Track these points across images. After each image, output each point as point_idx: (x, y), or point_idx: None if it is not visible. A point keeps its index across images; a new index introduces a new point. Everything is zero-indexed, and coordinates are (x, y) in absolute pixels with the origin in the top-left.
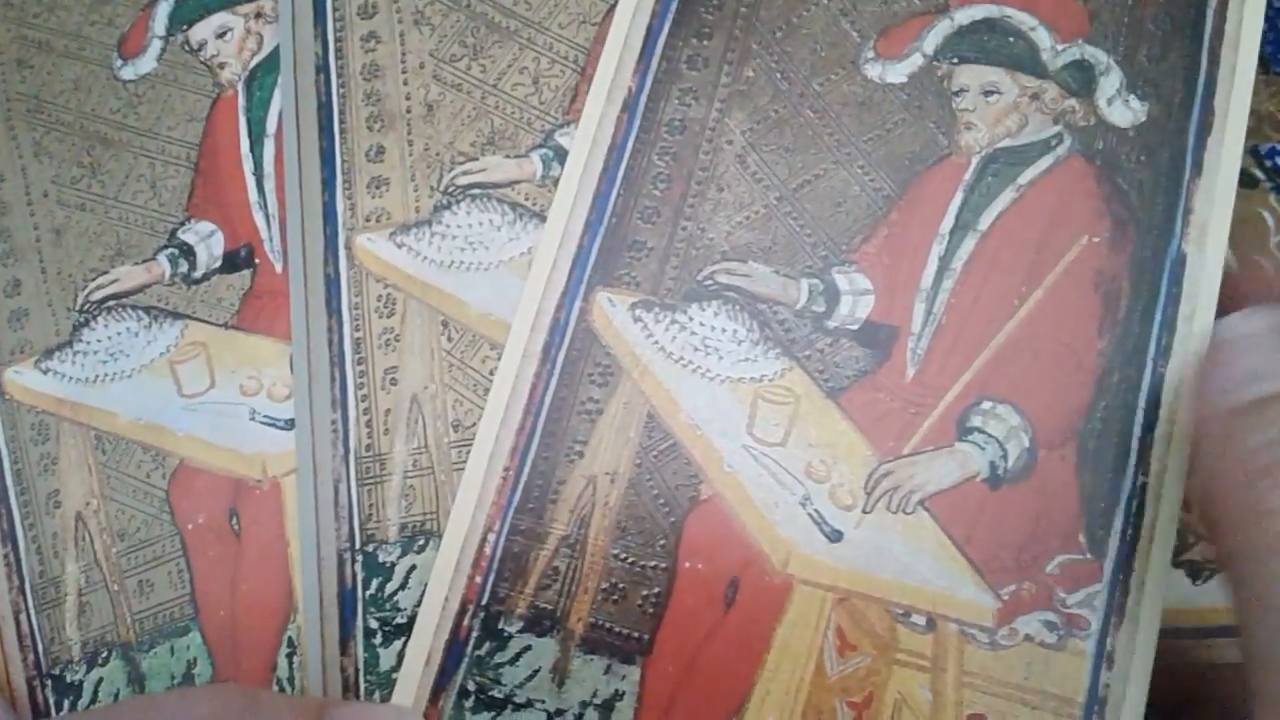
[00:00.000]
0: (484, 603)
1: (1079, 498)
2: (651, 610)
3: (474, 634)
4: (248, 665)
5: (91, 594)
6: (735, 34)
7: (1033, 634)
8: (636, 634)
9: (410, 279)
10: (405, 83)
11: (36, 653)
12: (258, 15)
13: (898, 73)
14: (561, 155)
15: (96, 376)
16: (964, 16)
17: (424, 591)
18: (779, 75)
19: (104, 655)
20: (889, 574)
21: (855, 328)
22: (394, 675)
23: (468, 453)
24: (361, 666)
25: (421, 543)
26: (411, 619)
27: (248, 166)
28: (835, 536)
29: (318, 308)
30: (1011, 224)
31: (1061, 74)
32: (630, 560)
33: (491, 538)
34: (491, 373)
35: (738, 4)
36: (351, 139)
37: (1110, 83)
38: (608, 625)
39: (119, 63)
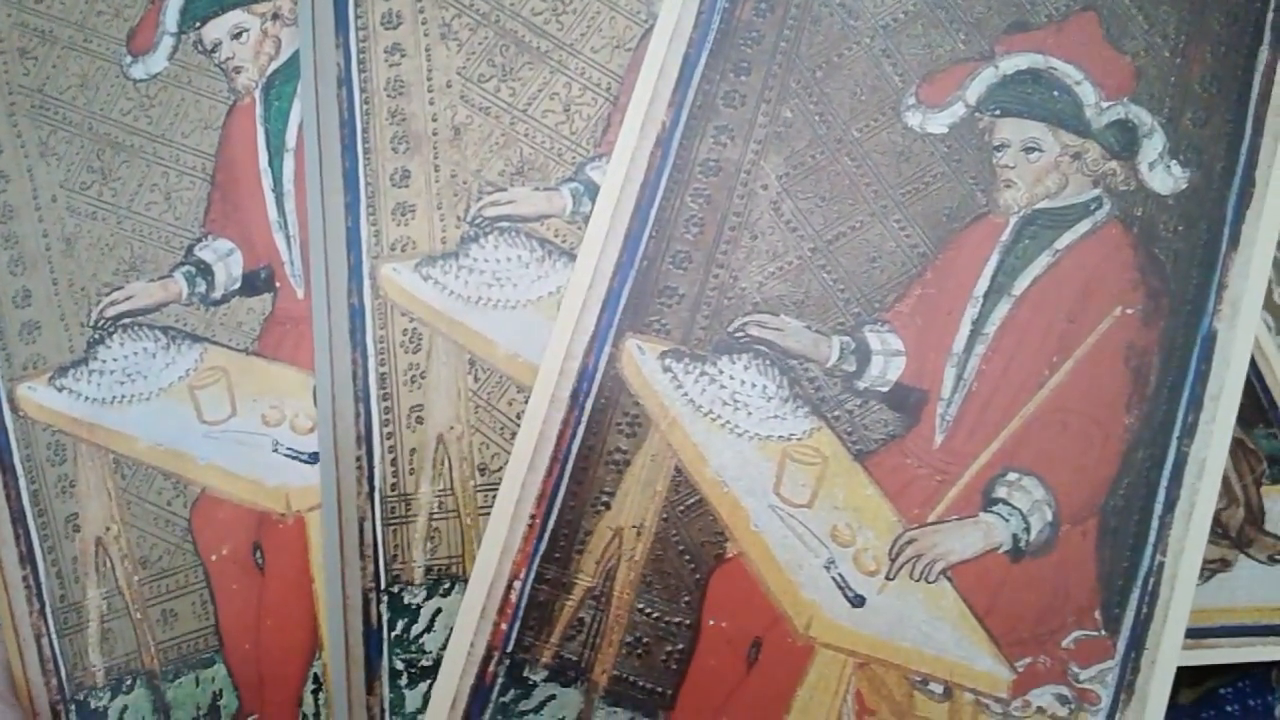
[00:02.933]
0: (509, 650)
1: (1097, 574)
2: (675, 666)
3: (499, 680)
4: (273, 700)
5: (114, 621)
6: (774, 70)
7: (1045, 706)
8: (660, 689)
9: (437, 314)
10: (431, 102)
11: (60, 677)
12: (275, 17)
13: (939, 122)
14: (592, 190)
15: (114, 397)
16: (1009, 65)
17: (449, 635)
18: (818, 118)
19: (128, 683)
20: (909, 641)
21: (885, 389)
22: (420, 717)
23: (494, 497)
24: (388, 707)
25: (447, 586)
26: (437, 661)
27: (266, 182)
28: (858, 601)
29: (341, 339)
30: (1046, 290)
31: (1104, 133)
32: (655, 615)
33: (517, 585)
34: (518, 416)
35: (778, 38)
36: (376, 160)
37: (1153, 146)
38: (631, 679)
39: (128, 59)
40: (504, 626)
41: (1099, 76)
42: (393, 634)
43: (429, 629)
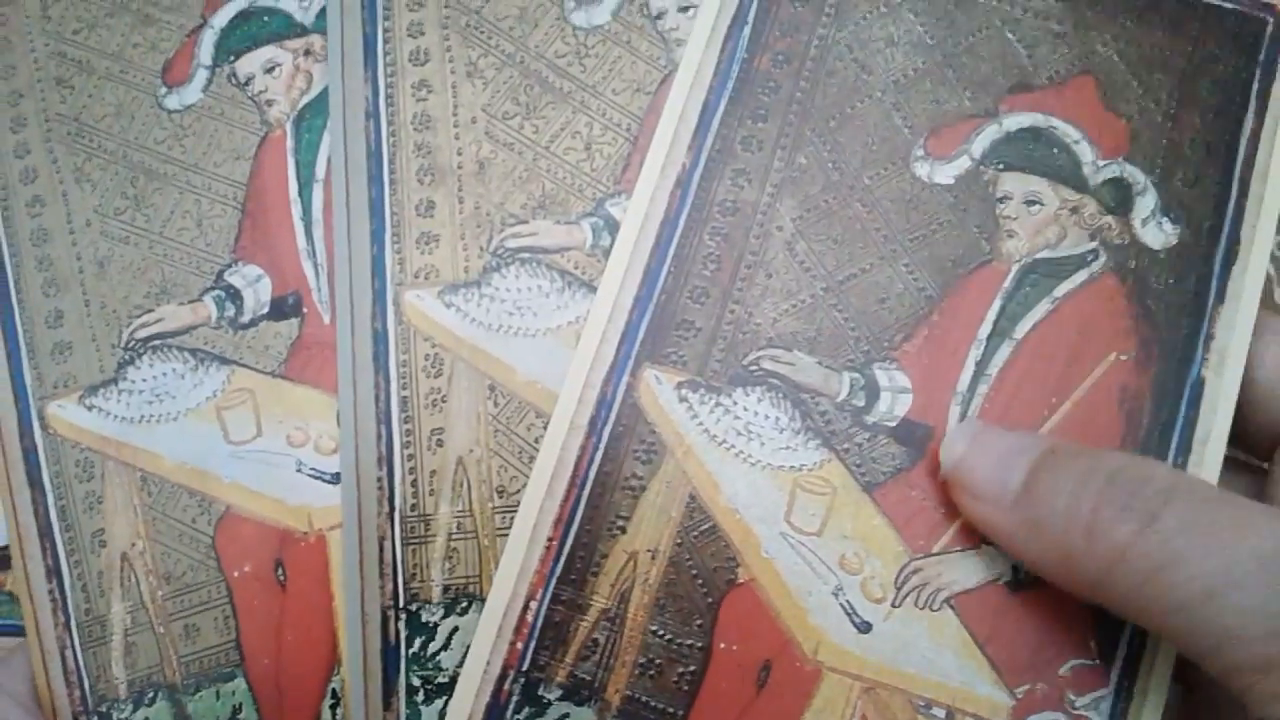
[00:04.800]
0: (525, 669)
1: (1093, 605)
2: (686, 687)
3: (514, 698)
4: (292, 714)
5: (138, 634)
6: (790, 119)
7: None
8: (671, 709)
9: (458, 340)
10: (457, 137)
11: (83, 689)
12: (307, 52)
13: (945, 173)
14: (611, 225)
15: (142, 417)
16: (1012, 123)
17: (466, 653)
18: (831, 165)
19: (150, 696)
20: (913, 668)
21: (893, 424)
22: None
23: (511, 519)
24: None
25: (464, 605)
26: (453, 679)
27: (296, 212)
28: (865, 628)
29: (365, 363)
30: (1046, 335)
31: (1101, 190)
32: (668, 637)
33: (534, 605)
34: (537, 441)
35: (794, 88)
36: (402, 191)
37: (1146, 203)
38: (644, 699)
39: (163, 90)
40: (520, 646)
41: (1096, 136)
42: (410, 651)
43: (445, 647)
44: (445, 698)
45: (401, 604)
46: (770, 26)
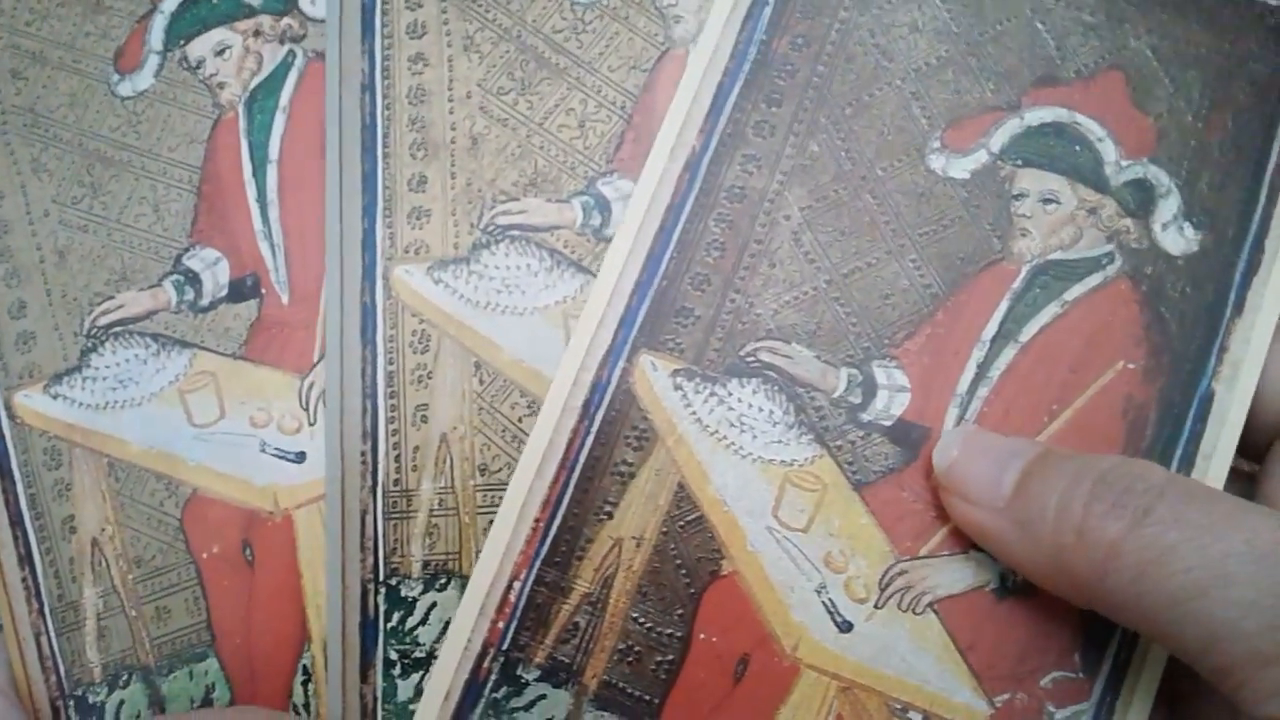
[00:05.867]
0: (505, 648)
1: (1079, 617)
2: (664, 676)
3: (493, 676)
4: (265, 691)
5: (110, 619)
6: (805, 104)
7: None
8: (647, 697)
9: (446, 317)
10: (451, 111)
11: (59, 674)
12: (256, 33)
13: (961, 167)
14: (602, 204)
15: (106, 403)
16: (1034, 117)
17: (444, 628)
18: (843, 154)
19: (124, 678)
20: (892, 670)
21: (888, 424)
22: (411, 707)
23: (493, 497)
24: (380, 695)
25: (443, 581)
26: (430, 654)
27: (251, 193)
28: (846, 627)
29: (353, 337)
30: (1052, 339)
31: (1122, 191)
32: (648, 625)
33: (517, 585)
34: (521, 420)
35: (811, 73)
36: (394, 164)
37: (1168, 207)
38: (621, 685)
39: (116, 78)
40: (501, 625)
41: (1121, 135)
42: (388, 625)
43: (424, 622)
44: (422, 672)
45: (381, 578)
46: (792, 8)
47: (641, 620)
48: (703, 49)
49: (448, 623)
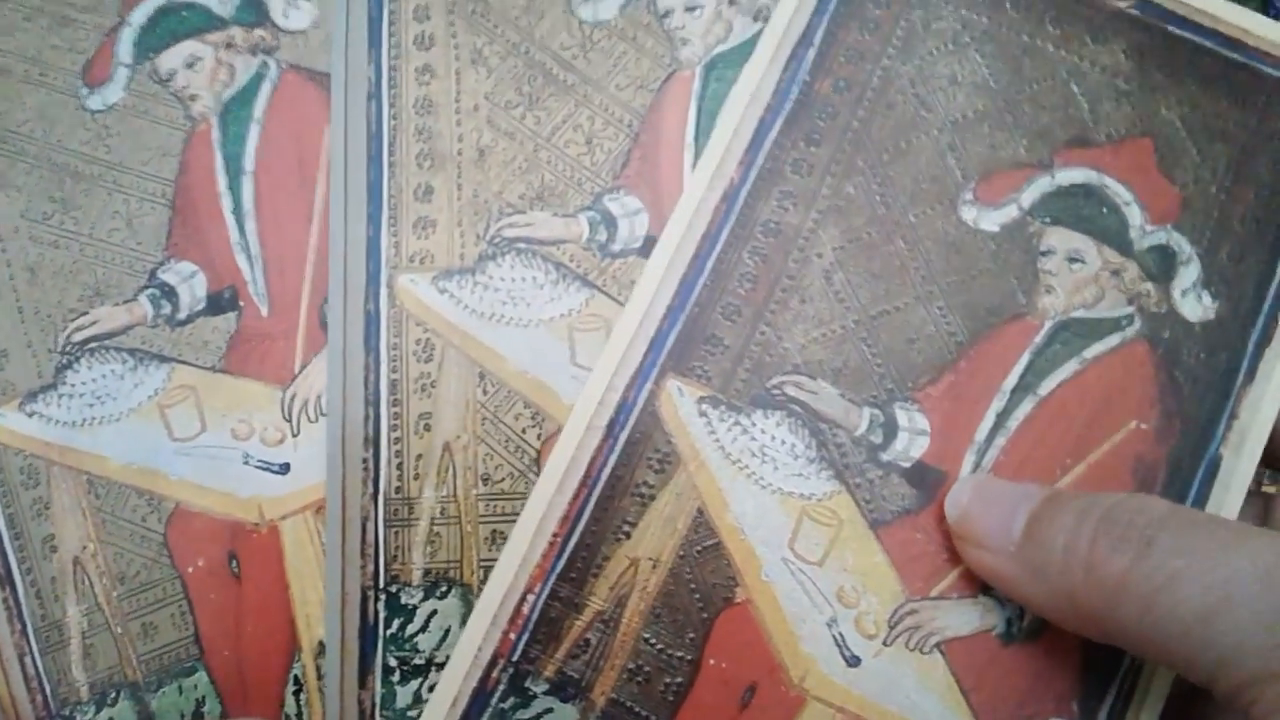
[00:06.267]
0: (514, 659)
1: (1080, 665)
2: (671, 698)
3: (500, 687)
4: (256, 702)
5: (95, 636)
6: (844, 147)
7: None
8: (653, 717)
9: (450, 326)
10: (458, 123)
11: (45, 694)
12: (228, 45)
13: (992, 220)
14: (609, 220)
15: (84, 420)
16: (1064, 177)
17: (444, 635)
18: (878, 198)
19: (112, 696)
20: (896, 706)
21: (906, 465)
22: (409, 713)
23: (496, 506)
24: (378, 702)
25: (444, 589)
26: (429, 660)
27: (226, 205)
28: (854, 661)
29: (356, 344)
30: (1070, 395)
31: (1145, 255)
32: (659, 646)
33: (531, 598)
34: (524, 430)
35: (851, 116)
36: (400, 174)
37: (1189, 274)
38: (628, 704)
39: (85, 91)
40: (512, 636)
41: (1147, 200)
42: (388, 632)
43: (424, 629)
44: (421, 679)
45: (381, 585)
46: (836, 51)
47: (653, 641)
48: (745, 84)
49: (448, 630)
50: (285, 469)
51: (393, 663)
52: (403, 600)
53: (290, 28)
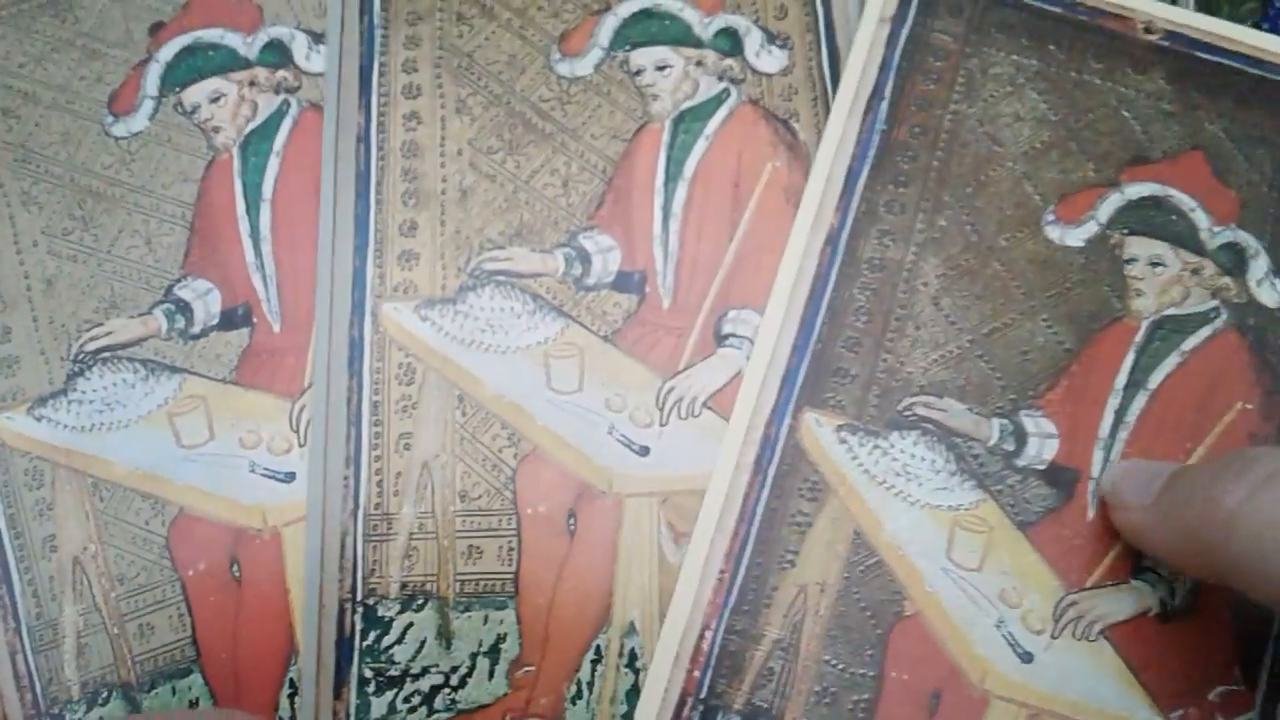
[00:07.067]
0: (702, 696)
1: (1234, 633)
2: (862, 715)
3: None
4: (250, 704)
5: (90, 636)
6: (929, 185)
7: None
8: None
9: (431, 351)
10: (443, 165)
11: (35, 693)
12: (252, 83)
13: (1076, 236)
14: (584, 256)
15: (92, 425)
16: (1133, 191)
17: (420, 647)
18: (969, 227)
19: (104, 695)
20: (1076, 695)
21: (1042, 468)
22: None
23: (472, 521)
24: (353, 712)
25: (420, 602)
26: (404, 672)
27: (244, 229)
28: (1027, 658)
29: (340, 367)
30: (1177, 386)
31: (1217, 253)
32: (840, 666)
33: (709, 635)
34: (501, 450)
35: (930, 157)
36: (386, 210)
37: (1259, 266)
38: None
39: (110, 119)
40: (696, 674)
41: (1209, 205)
42: (364, 644)
43: (399, 641)
44: (396, 690)
45: (359, 598)
46: (905, 102)
47: (834, 662)
48: (830, 137)
49: (423, 642)
50: (291, 477)
51: (368, 674)
52: (379, 613)
53: (312, 70)
